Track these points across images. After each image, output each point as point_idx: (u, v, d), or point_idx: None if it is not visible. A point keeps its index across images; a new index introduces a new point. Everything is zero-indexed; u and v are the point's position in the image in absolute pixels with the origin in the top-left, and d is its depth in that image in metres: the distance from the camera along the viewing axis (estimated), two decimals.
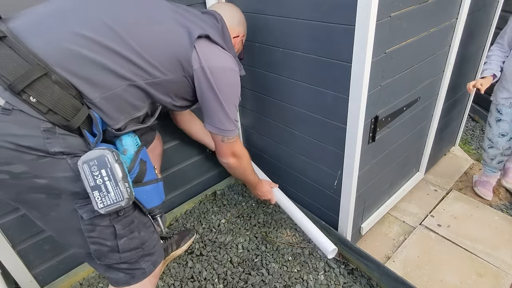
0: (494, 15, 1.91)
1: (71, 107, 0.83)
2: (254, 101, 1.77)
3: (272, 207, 1.95)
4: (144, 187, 1.01)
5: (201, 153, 1.93)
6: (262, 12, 1.40)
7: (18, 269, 1.40)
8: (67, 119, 0.82)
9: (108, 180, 0.82)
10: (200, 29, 1.01)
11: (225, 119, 1.14)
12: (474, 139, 2.64)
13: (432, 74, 1.61)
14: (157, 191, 1.06)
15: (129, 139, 1.01)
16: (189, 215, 1.95)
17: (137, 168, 0.98)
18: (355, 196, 1.47)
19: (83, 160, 0.81)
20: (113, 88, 0.89)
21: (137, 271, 1.03)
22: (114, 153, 0.84)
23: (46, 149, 0.80)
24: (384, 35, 1.13)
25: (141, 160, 1.00)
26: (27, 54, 0.78)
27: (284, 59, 1.43)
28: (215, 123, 1.16)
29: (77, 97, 0.85)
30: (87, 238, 0.91)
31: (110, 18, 0.89)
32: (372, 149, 1.43)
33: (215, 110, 1.12)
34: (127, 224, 0.96)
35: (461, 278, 1.53)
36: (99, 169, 0.81)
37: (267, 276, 1.55)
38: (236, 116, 1.20)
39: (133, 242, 0.99)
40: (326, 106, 1.36)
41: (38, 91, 0.78)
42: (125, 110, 0.95)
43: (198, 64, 1.02)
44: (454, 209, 1.91)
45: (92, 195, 0.82)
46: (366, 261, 1.49)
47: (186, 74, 1.02)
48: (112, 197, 0.83)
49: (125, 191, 0.84)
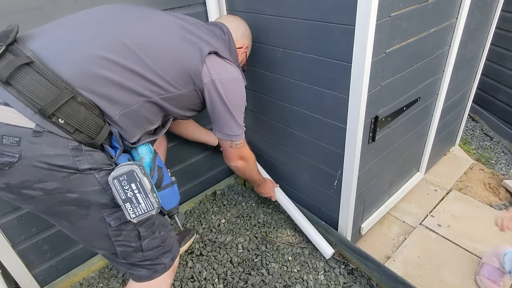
0: (494, 15, 1.91)
1: (95, 126, 0.88)
2: (254, 101, 1.77)
3: (272, 207, 1.95)
4: (163, 191, 1.11)
5: (201, 153, 1.93)
6: (262, 12, 1.40)
7: (18, 269, 1.40)
8: (92, 137, 0.88)
9: (139, 193, 0.89)
10: (209, 46, 1.08)
11: (235, 125, 1.21)
12: (474, 139, 2.64)
13: (432, 74, 1.61)
14: (173, 193, 1.16)
15: (144, 147, 1.07)
16: (189, 215, 1.95)
17: (156, 175, 1.08)
18: (355, 196, 1.47)
19: (113, 176, 0.86)
20: (131, 105, 0.95)
21: (158, 266, 1.10)
22: (141, 167, 0.89)
23: (76, 167, 0.85)
24: (384, 35, 1.14)
25: (158, 167, 1.09)
26: (55, 79, 0.82)
27: (284, 59, 1.43)
28: (224, 131, 1.22)
29: (100, 116, 0.90)
30: (114, 242, 0.98)
31: (127, 38, 0.93)
32: (372, 149, 1.43)
33: (225, 118, 1.19)
34: (149, 226, 1.04)
35: (461, 278, 1.53)
36: (129, 183, 0.87)
37: (267, 276, 1.55)
38: (243, 121, 1.25)
39: (155, 242, 1.06)
40: (326, 106, 1.36)
41: (66, 113, 0.83)
42: (140, 124, 1.01)
43: (208, 78, 1.08)
44: (454, 209, 1.91)
45: (124, 207, 0.89)
46: (366, 261, 1.49)
47: (196, 88, 1.08)
48: (143, 207, 0.90)
49: (155, 201, 0.91)
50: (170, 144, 1.74)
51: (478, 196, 2.02)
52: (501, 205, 1.95)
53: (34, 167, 0.81)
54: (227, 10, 1.59)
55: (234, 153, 1.32)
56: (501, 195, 2.03)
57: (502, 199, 2.00)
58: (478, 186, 2.11)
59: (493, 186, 2.11)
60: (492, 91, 2.68)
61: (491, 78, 2.66)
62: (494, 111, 2.70)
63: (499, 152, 2.47)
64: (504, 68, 2.52)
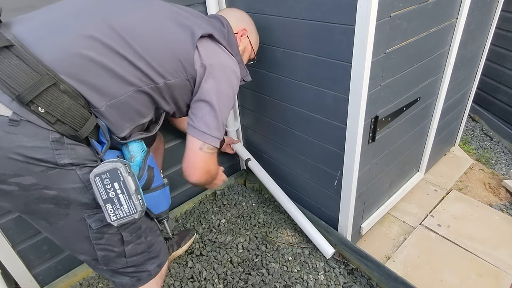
0: (494, 15, 1.91)
1: (79, 117, 0.82)
2: (254, 101, 1.77)
3: (272, 207, 1.95)
4: (152, 193, 1.02)
5: None
6: (262, 12, 1.40)
7: (18, 269, 1.40)
8: (76, 129, 0.81)
9: (121, 193, 0.82)
10: (202, 29, 1.00)
11: (214, 122, 1.03)
12: (474, 139, 2.64)
13: (432, 74, 1.61)
14: (164, 196, 1.06)
15: (136, 145, 1.00)
16: (189, 215, 1.95)
17: (145, 175, 0.99)
18: (355, 196, 1.47)
19: (95, 173, 0.80)
20: (118, 95, 0.88)
21: (143, 274, 1.04)
22: (127, 165, 0.83)
23: (55, 161, 0.79)
24: (384, 35, 1.13)
25: (148, 167, 1.00)
26: (36, 64, 0.76)
27: (284, 59, 1.43)
28: (199, 126, 1.03)
29: (86, 107, 0.84)
30: (95, 245, 0.92)
31: (114, 22, 0.87)
32: (372, 149, 1.43)
33: (205, 111, 1.03)
34: (134, 231, 0.97)
35: (461, 278, 1.53)
36: (112, 182, 0.81)
37: (267, 276, 1.55)
38: (225, 125, 1.11)
39: (140, 247, 0.99)
40: (326, 106, 1.36)
41: (46, 101, 0.77)
42: (130, 117, 0.94)
43: (199, 63, 0.99)
44: (454, 209, 1.91)
45: (105, 207, 0.82)
46: (366, 261, 1.49)
47: (188, 76, 1.00)
48: (125, 209, 0.84)
49: (138, 203, 0.85)
50: (170, 144, 1.74)
51: (478, 196, 2.02)
52: (501, 205, 1.95)
53: (10, 159, 0.75)
54: None
55: (202, 160, 1.06)
56: (501, 195, 2.03)
57: (502, 199, 2.00)
58: (478, 186, 2.11)
59: (493, 186, 2.11)
60: (492, 91, 2.68)
61: (491, 78, 2.66)
62: (494, 111, 2.70)
63: (499, 152, 2.47)
64: (504, 68, 2.52)
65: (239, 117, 1.97)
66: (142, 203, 0.86)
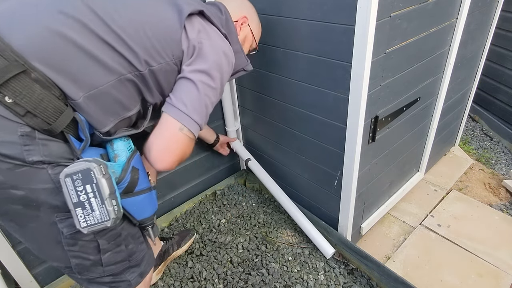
0: (494, 15, 1.91)
1: (53, 109, 0.73)
2: (254, 101, 1.77)
3: (272, 207, 1.95)
4: (135, 197, 0.90)
5: (201, 153, 1.93)
6: (262, 12, 1.40)
7: (18, 269, 1.40)
8: (49, 122, 0.73)
9: (93, 197, 0.73)
10: (191, 6, 0.90)
11: (195, 104, 0.90)
12: (474, 139, 2.64)
13: (432, 74, 1.61)
14: (149, 201, 0.95)
15: (121, 143, 0.91)
16: (189, 215, 1.95)
17: (128, 177, 0.87)
18: (355, 196, 1.47)
19: (66, 173, 0.71)
20: (99, 84, 0.79)
21: (122, 284, 0.95)
22: (102, 166, 0.74)
23: (23, 158, 0.71)
24: (384, 35, 1.14)
25: (133, 168, 0.89)
26: (3, 48, 0.68)
27: (285, 59, 1.43)
28: (179, 105, 0.88)
29: (61, 98, 0.75)
30: (68, 252, 0.84)
31: (92, 2, 0.79)
32: (372, 149, 1.43)
33: (188, 89, 0.90)
34: (113, 238, 0.88)
35: (461, 278, 1.53)
36: (84, 184, 0.72)
37: (267, 276, 1.55)
38: (208, 115, 0.97)
39: (119, 256, 0.91)
40: (326, 106, 1.36)
41: (14, 90, 0.69)
42: (113, 110, 0.84)
43: (186, 44, 0.88)
44: (454, 209, 1.91)
45: (75, 212, 0.73)
46: (366, 261, 1.49)
47: (176, 60, 0.89)
48: (97, 216, 0.74)
49: (112, 210, 0.75)
50: None
51: (478, 196, 2.02)
52: (501, 205, 1.95)
53: None
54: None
55: (181, 144, 0.90)
56: (501, 195, 2.03)
57: (502, 199, 2.00)
58: (478, 186, 2.11)
59: (493, 186, 2.11)
60: (492, 91, 2.68)
61: (491, 78, 2.65)
62: (494, 111, 2.70)
63: (499, 152, 2.47)
64: (504, 68, 2.52)
65: (239, 117, 1.97)
66: (117, 210, 0.76)
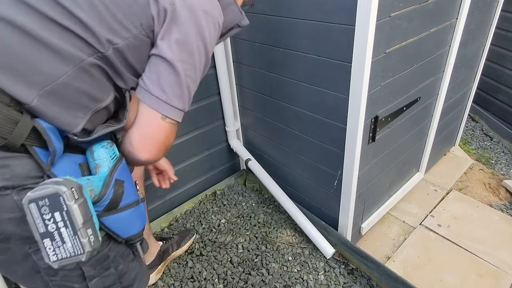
0: (494, 15, 1.91)
1: (4, 120, 0.60)
2: (254, 101, 1.77)
3: (272, 207, 1.95)
4: (119, 213, 0.77)
5: (201, 153, 1.93)
6: (262, 12, 1.40)
7: None
8: (3, 136, 0.60)
9: (64, 227, 0.60)
10: None
11: (177, 89, 0.74)
12: (474, 139, 2.64)
13: (432, 74, 1.61)
14: (137, 215, 0.83)
15: (103, 151, 0.76)
16: (189, 215, 1.95)
17: (110, 193, 0.74)
18: (355, 196, 1.47)
19: (30, 198, 0.58)
20: (54, 77, 0.64)
21: None
22: (74, 189, 0.60)
23: None
24: (384, 35, 1.14)
25: (116, 181, 0.76)
26: None
27: (285, 59, 1.43)
28: (157, 92, 0.73)
29: (13, 105, 0.62)
30: (49, 282, 0.75)
31: None
32: (372, 149, 1.43)
33: (162, 69, 0.73)
34: (100, 262, 0.77)
35: (461, 278, 1.53)
36: (52, 211, 0.59)
37: (267, 276, 1.55)
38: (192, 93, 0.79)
39: (108, 279, 0.80)
40: (326, 106, 1.36)
41: None
42: (80, 104, 0.69)
43: (156, 8, 0.69)
44: (454, 209, 1.91)
45: (42, 244, 0.60)
46: (366, 261, 1.49)
47: (146, 30, 0.71)
48: (68, 248, 0.61)
49: (87, 242, 0.61)
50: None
51: (478, 196, 2.02)
52: (501, 205, 1.95)
53: None
54: None
55: (163, 132, 0.77)
56: (501, 195, 2.03)
57: (502, 199, 2.00)
58: (478, 186, 2.11)
59: (493, 186, 2.11)
60: (492, 91, 2.68)
61: (491, 78, 2.66)
62: (494, 111, 2.70)
63: (499, 152, 2.47)
64: (504, 68, 2.52)
65: (239, 117, 1.97)
66: (93, 240, 0.63)
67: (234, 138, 2.00)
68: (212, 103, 1.83)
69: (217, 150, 2.00)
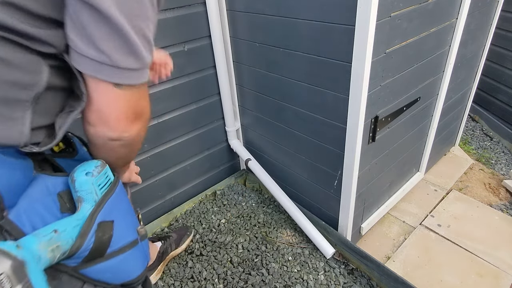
0: (494, 15, 1.91)
1: None
2: (254, 101, 1.77)
3: (272, 207, 1.95)
4: (107, 262, 0.62)
5: (201, 153, 1.93)
6: (262, 12, 1.40)
7: None
8: None
9: None
10: None
11: (118, 38, 0.51)
12: (474, 139, 2.64)
13: (432, 74, 1.61)
14: (134, 258, 0.66)
15: (86, 179, 0.59)
16: (189, 215, 1.95)
17: (90, 243, 0.58)
18: (355, 196, 1.47)
19: None
20: None
21: None
22: (6, 274, 0.42)
23: None
24: (384, 35, 1.14)
25: (100, 225, 0.60)
26: None
27: (284, 59, 1.43)
28: (96, 56, 0.51)
29: None
30: None
31: None
32: (372, 149, 1.43)
33: (93, 21, 0.49)
34: None
35: (461, 278, 1.53)
36: None
37: (267, 276, 1.55)
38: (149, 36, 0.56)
39: None
40: (326, 106, 1.36)
41: None
42: (5, 101, 0.50)
43: None
44: (454, 209, 1.91)
45: None
46: (366, 261, 1.49)
47: None
48: None
49: None
50: (171, 144, 1.74)
51: (478, 196, 2.02)
52: (501, 205, 1.95)
53: None
54: (227, 10, 1.59)
55: (125, 104, 0.57)
56: (501, 195, 2.03)
57: (502, 199, 2.00)
58: (478, 186, 2.11)
59: (493, 186, 2.11)
60: (492, 91, 2.68)
61: (491, 78, 2.66)
62: (494, 111, 2.70)
63: (499, 152, 2.47)
64: (504, 68, 2.52)
65: (239, 117, 1.97)
66: None
67: (234, 138, 2.00)
68: (212, 103, 1.83)
69: (217, 150, 2.00)
